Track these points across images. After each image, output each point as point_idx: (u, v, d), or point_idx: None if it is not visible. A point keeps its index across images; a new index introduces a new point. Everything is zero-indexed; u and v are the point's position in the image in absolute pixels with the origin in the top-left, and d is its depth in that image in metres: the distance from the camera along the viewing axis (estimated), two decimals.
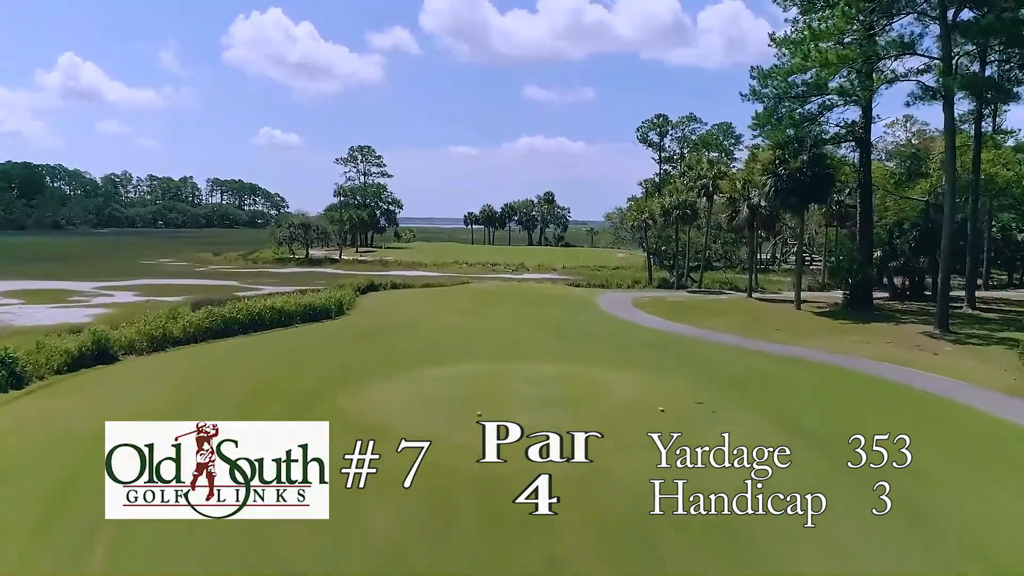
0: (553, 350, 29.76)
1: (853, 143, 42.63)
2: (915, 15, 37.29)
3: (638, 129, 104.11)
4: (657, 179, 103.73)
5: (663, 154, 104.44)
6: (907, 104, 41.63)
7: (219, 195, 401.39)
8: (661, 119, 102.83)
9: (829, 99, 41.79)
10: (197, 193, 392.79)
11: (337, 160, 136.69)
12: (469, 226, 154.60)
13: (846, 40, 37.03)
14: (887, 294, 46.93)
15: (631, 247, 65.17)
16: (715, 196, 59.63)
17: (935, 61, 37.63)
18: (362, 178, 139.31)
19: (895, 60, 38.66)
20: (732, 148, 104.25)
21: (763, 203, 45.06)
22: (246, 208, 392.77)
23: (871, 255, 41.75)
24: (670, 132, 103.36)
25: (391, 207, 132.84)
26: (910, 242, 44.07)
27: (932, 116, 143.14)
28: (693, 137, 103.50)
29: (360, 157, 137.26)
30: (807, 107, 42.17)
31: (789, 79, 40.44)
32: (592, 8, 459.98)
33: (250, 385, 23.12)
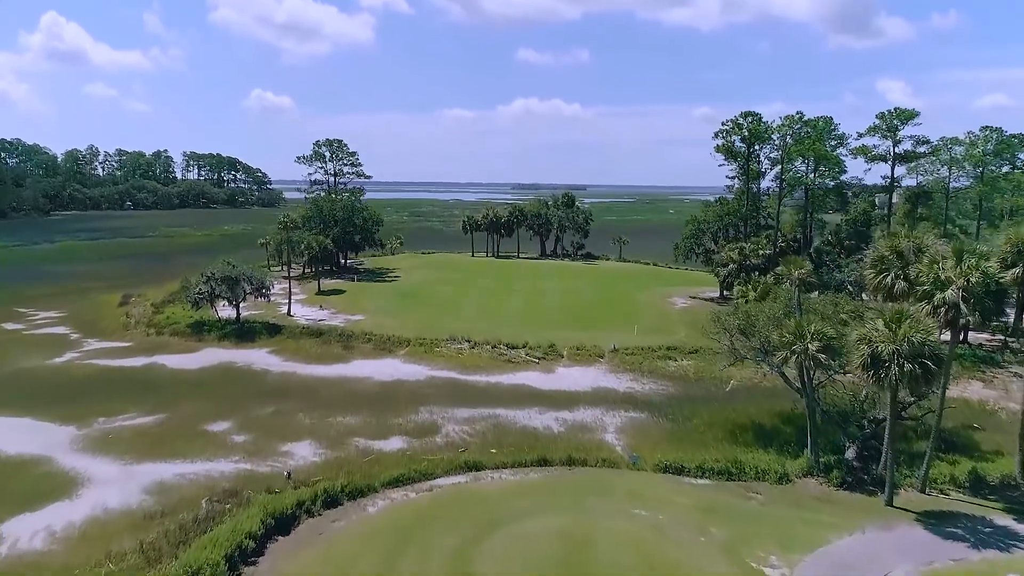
0: None
1: None
2: None
3: (717, 134, 73.27)
4: (732, 198, 74.44)
5: (754, 166, 73.13)
6: None
7: (196, 170, 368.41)
8: (752, 120, 71.30)
9: None
10: (171, 168, 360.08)
11: (299, 159, 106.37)
12: (469, 233, 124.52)
13: None
14: None
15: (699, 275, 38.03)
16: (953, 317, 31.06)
17: None
18: (332, 179, 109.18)
19: None
20: (836, 151, 74.21)
21: None
22: (225, 185, 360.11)
23: None
24: (764, 137, 71.75)
25: (368, 224, 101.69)
26: None
27: None
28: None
29: (329, 155, 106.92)
30: None
31: None
32: None
33: None
